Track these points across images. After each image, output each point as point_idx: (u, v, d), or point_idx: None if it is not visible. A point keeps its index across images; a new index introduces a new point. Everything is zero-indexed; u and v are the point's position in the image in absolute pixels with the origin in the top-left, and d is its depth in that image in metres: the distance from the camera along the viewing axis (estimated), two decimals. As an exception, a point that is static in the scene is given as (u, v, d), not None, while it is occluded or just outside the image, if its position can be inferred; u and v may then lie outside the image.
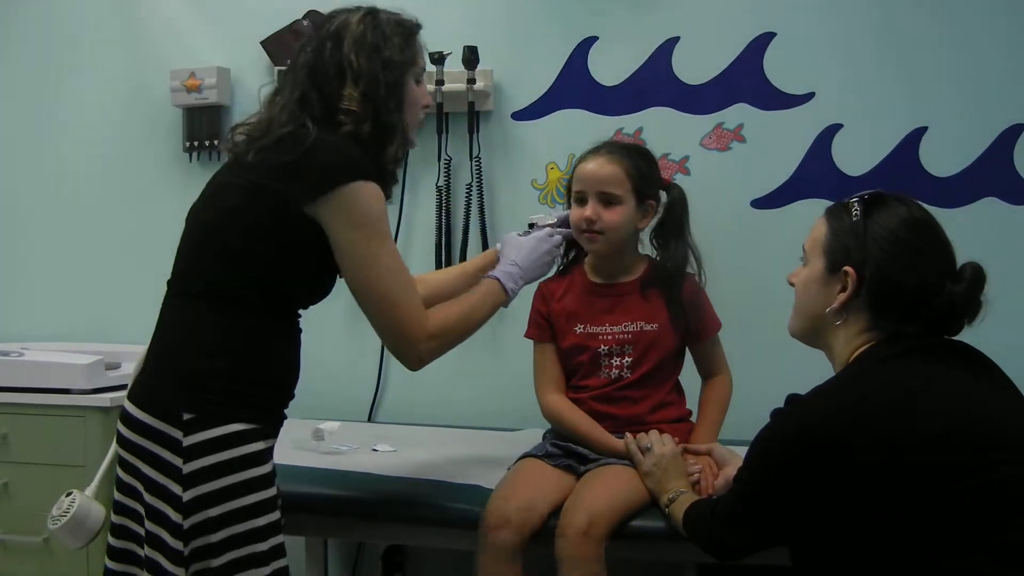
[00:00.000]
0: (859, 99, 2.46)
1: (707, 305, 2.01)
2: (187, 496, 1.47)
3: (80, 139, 2.96)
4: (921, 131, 2.43)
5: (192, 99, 2.79)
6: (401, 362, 1.67)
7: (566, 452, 1.93)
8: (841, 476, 1.29)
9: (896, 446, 1.27)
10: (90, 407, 2.41)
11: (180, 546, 1.47)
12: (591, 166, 1.93)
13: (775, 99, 2.51)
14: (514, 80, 2.66)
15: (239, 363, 1.54)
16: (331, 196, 1.53)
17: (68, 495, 1.79)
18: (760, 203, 2.52)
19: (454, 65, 2.58)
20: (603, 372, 1.97)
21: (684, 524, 1.61)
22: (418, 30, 1.72)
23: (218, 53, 2.83)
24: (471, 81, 2.59)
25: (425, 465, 2.08)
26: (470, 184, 2.67)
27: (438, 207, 2.67)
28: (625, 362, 1.95)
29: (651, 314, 1.95)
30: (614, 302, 1.98)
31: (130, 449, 1.55)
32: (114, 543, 1.60)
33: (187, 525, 1.47)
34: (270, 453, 1.57)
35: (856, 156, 2.47)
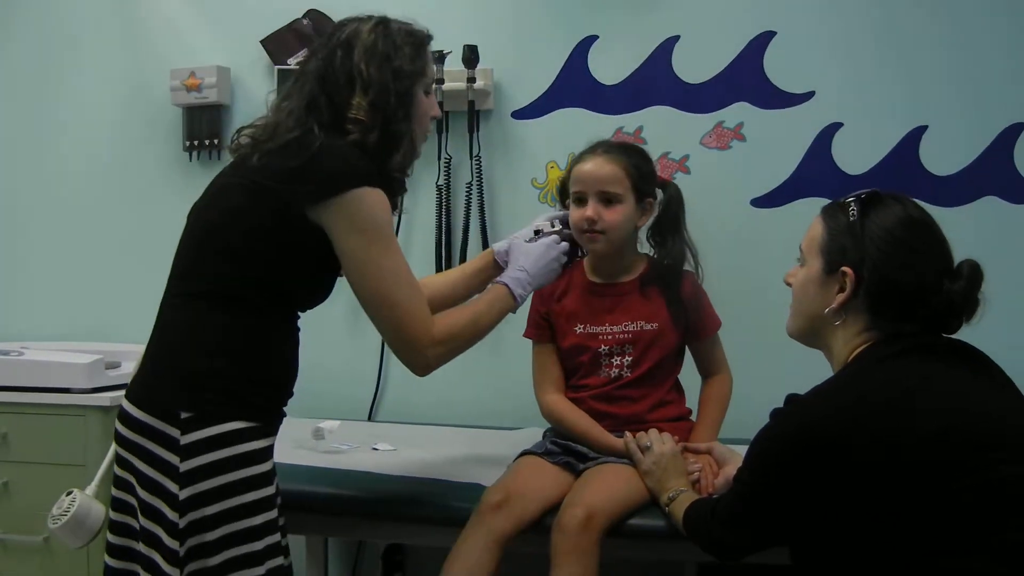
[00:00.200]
0: (859, 98, 2.46)
1: (707, 304, 2.01)
2: (184, 494, 1.47)
3: (80, 138, 2.96)
4: (921, 130, 2.43)
5: (192, 98, 2.79)
6: (408, 368, 1.65)
7: (565, 450, 1.93)
8: (840, 476, 1.29)
9: (895, 445, 1.27)
10: (90, 406, 2.42)
11: (176, 545, 1.47)
12: (589, 166, 1.93)
13: (775, 98, 2.50)
14: (514, 79, 2.66)
15: (238, 362, 1.54)
16: (334, 201, 1.52)
17: (68, 494, 1.80)
18: (760, 202, 2.52)
19: (454, 64, 2.58)
20: (603, 371, 1.97)
21: (684, 523, 1.61)
22: (429, 41, 1.72)
23: (218, 52, 2.82)
24: (471, 80, 2.59)
25: (425, 464, 2.07)
26: (470, 183, 2.67)
27: (438, 206, 2.67)
28: (625, 361, 1.95)
29: (651, 313, 1.95)
30: (614, 302, 1.98)
31: (127, 447, 1.55)
32: (113, 540, 1.60)
33: (183, 524, 1.47)
34: (270, 451, 1.57)
35: (856, 155, 2.46)
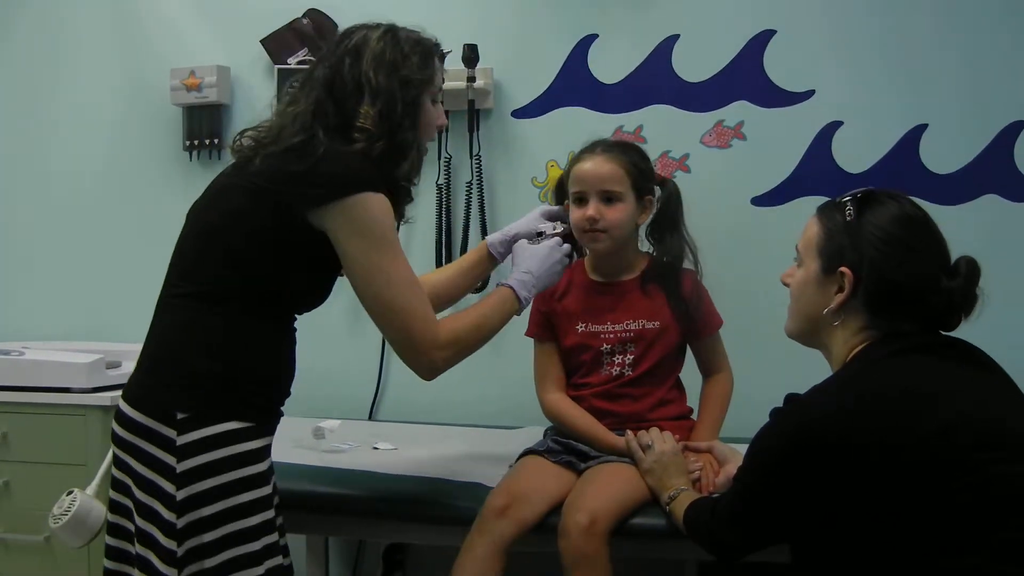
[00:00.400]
0: (859, 97, 2.46)
1: (708, 302, 2.01)
2: (181, 495, 1.47)
3: (80, 138, 2.96)
4: (921, 128, 2.43)
5: (192, 98, 2.78)
6: (415, 372, 1.65)
7: (567, 449, 1.93)
8: (840, 475, 1.29)
9: (895, 445, 1.27)
10: (91, 406, 2.42)
11: (173, 545, 1.47)
12: (589, 165, 1.93)
13: (775, 96, 2.50)
14: (514, 78, 2.65)
15: (235, 363, 1.54)
16: (336, 206, 1.52)
17: (69, 494, 1.80)
18: (760, 200, 2.52)
19: (454, 63, 2.57)
20: (604, 370, 1.97)
21: (684, 522, 1.61)
22: (437, 50, 1.71)
23: (218, 52, 2.82)
24: (471, 79, 2.58)
25: (426, 463, 2.07)
26: (470, 182, 2.67)
27: (438, 205, 2.67)
28: (627, 360, 1.95)
29: (653, 312, 1.95)
30: (615, 300, 1.97)
31: (124, 447, 1.54)
32: (111, 542, 1.60)
33: (181, 524, 1.47)
34: (267, 451, 1.56)
35: (856, 153, 2.46)
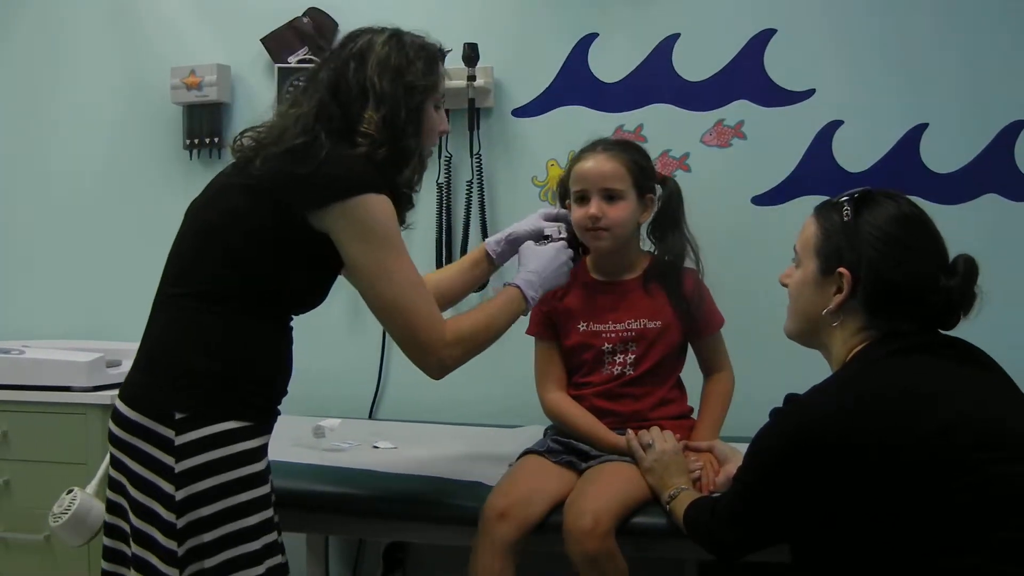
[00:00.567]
0: (860, 96, 2.45)
1: (710, 301, 2.01)
2: (180, 495, 1.46)
3: (80, 137, 2.96)
4: (922, 128, 2.43)
5: (192, 96, 2.78)
6: (424, 371, 1.65)
7: (567, 448, 1.93)
8: (840, 475, 1.29)
9: (895, 444, 1.27)
10: (91, 405, 2.42)
11: (173, 546, 1.47)
12: (590, 164, 1.93)
13: (776, 96, 2.50)
14: (514, 77, 2.65)
15: (233, 363, 1.53)
16: (339, 207, 1.52)
17: (69, 492, 1.79)
18: (761, 200, 2.51)
19: (454, 62, 2.57)
20: (606, 369, 1.97)
21: (684, 522, 1.61)
22: (442, 55, 1.71)
23: (218, 50, 2.82)
24: (471, 78, 2.58)
25: (426, 462, 2.07)
26: (470, 181, 2.67)
27: (438, 204, 2.67)
28: (628, 359, 1.95)
29: (654, 311, 1.95)
30: (617, 299, 1.97)
31: (120, 447, 1.54)
32: (107, 543, 1.60)
33: (180, 524, 1.46)
34: (264, 450, 1.56)
35: (857, 153, 2.46)
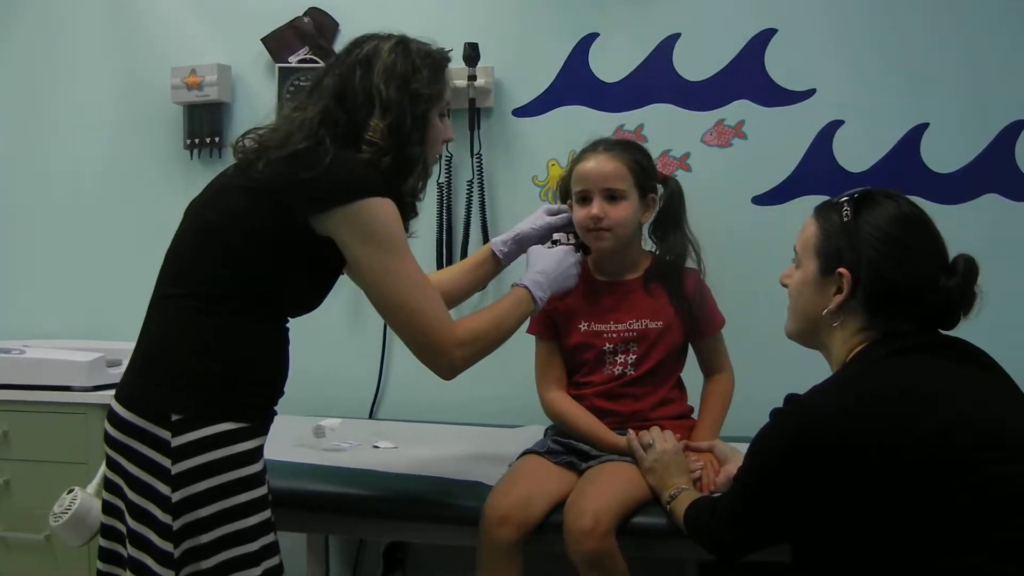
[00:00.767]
0: (860, 96, 2.45)
1: (711, 301, 2.01)
2: (176, 497, 1.46)
3: (81, 137, 2.96)
4: (922, 128, 2.43)
5: (193, 96, 2.78)
6: (434, 372, 1.65)
7: (567, 449, 1.93)
8: (840, 475, 1.29)
9: (895, 445, 1.27)
10: (91, 404, 2.41)
11: (170, 547, 1.46)
12: (592, 164, 1.93)
13: (776, 95, 2.50)
14: (515, 77, 2.65)
15: (230, 364, 1.53)
16: (343, 211, 1.51)
17: (69, 492, 1.79)
18: (761, 200, 2.51)
19: (455, 62, 2.55)
20: (606, 368, 1.96)
21: (685, 522, 1.61)
22: (447, 63, 1.71)
23: (219, 50, 2.82)
24: (472, 78, 2.58)
25: (426, 462, 2.07)
26: (471, 181, 2.67)
27: (439, 204, 2.67)
28: (629, 359, 1.95)
29: (656, 311, 1.95)
30: (619, 299, 1.97)
31: (116, 448, 1.53)
32: (103, 544, 1.59)
33: (177, 526, 1.46)
34: (261, 451, 1.55)
35: (857, 153, 2.46)
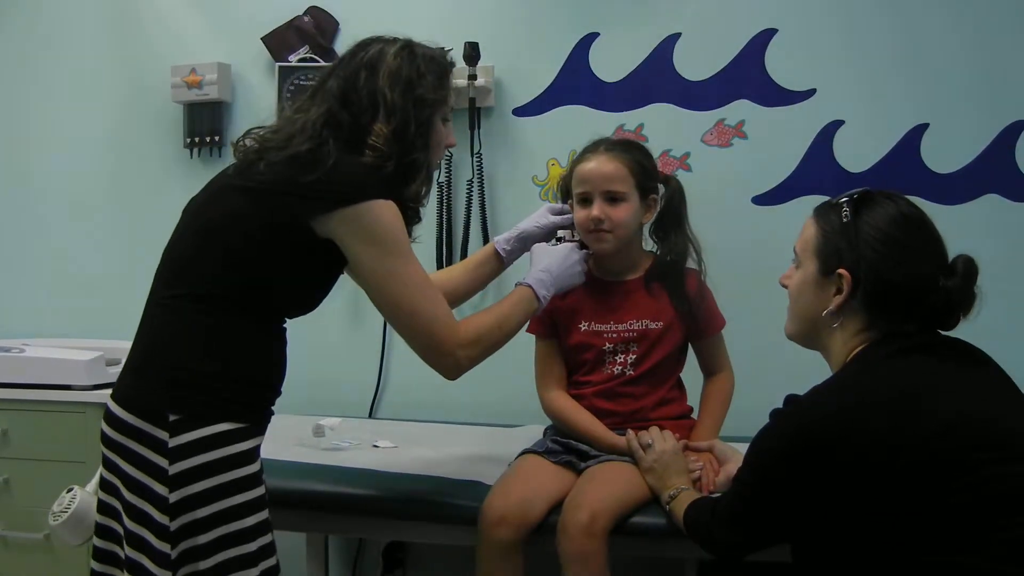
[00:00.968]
0: (860, 96, 2.45)
1: (712, 302, 2.01)
2: (173, 497, 1.45)
3: (81, 136, 2.96)
4: (923, 128, 2.43)
5: (193, 95, 2.78)
6: (439, 372, 1.66)
7: (567, 448, 1.93)
8: (840, 475, 1.29)
9: (895, 445, 1.27)
10: (91, 403, 2.42)
11: (167, 548, 1.46)
12: (592, 165, 1.92)
13: (777, 95, 2.50)
14: (515, 76, 2.65)
15: (227, 364, 1.52)
16: (345, 213, 1.51)
17: (69, 491, 1.78)
18: (761, 199, 2.51)
19: (455, 61, 2.57)
20: (606, 368, 1.96)
21: (684, 522, 1.61)
22: (452, 68, 1.71)
23: (219, 49, 2.82)
24: (472, 77, 2.58)
25: (426, 461, 2.07)
26: (471, 180, 2.67)
27: (439, 203, 2.67)
28: (629, 359, 1.95)
29: (656, 312, 1.95)
30: (619, 300, 1.97)
31: (112, 448, 1.53)
32: (99, 544, 1.59)
33: (174, 527, 1.46)
34: (258, 452, 1.55)
35: (857, 153, 2.46)
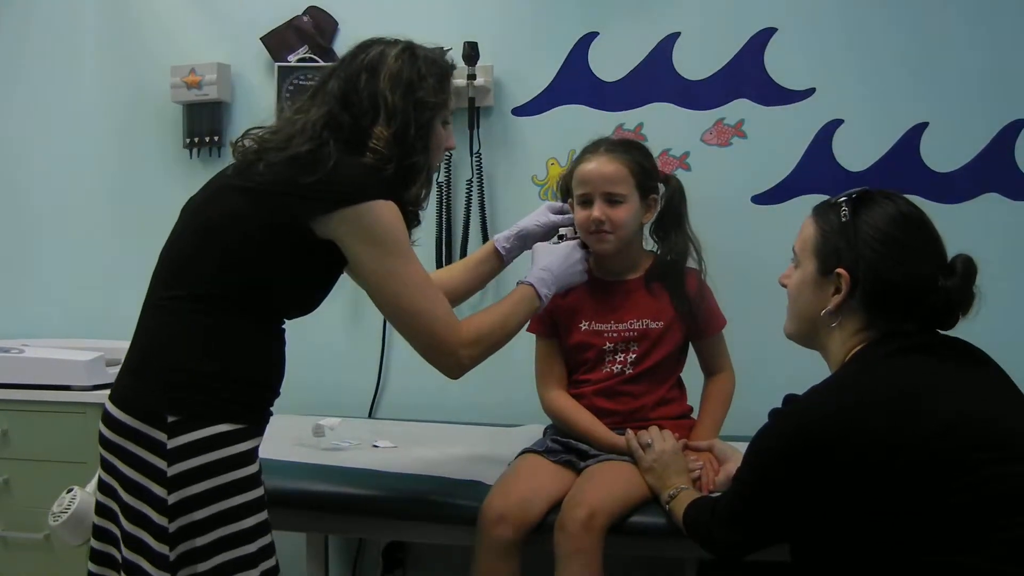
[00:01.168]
0: (860, 95, 2.45)
1: (712, 302, 2.01)
2: (172, 499, 1.45)
3: (80, 136, 2.96)
4: (922, 127, 2.43)
5: (192, 95, 2.78)
6: (442, 372, 1.66)
7: (566, 448, 1.93)
8: (840, 475, 1.29)
9: (894, 445, 1.27)
10: (91, 403, 2.41)
11: (166, 550, 1.46)
12: (593, 166, 1.92)
13: (776, 95, 2.50)
14: (514, 76, 2.65)
15: (225, 365, 1.52)
16: (346, 214, 1.51)
17: (69, 492, 1.79)
18: (761, 199, 2.51)
19: (455, 62, 2.57)
20: (606, 367, 1.96)
21: (684, 522, 1.61)
22: (452, 70, 1.71)
23: (218, 49, 2.82)
24: (471, 77, 2.58)
25: (426, 461, 2.07)
26: (470, 180, 2.67)
27: (438, 203, 2.67)
28: (629, 358, 1.95)
29: (657, 312, 1.95)
30: (620, 299, 1.97)
31: (110, 449, 1.53)
32: (96, 545, 1.59)
33: (173, 528, 1.45)
34: (256, 452, 1.55)
35: (857, 152, 2.46)
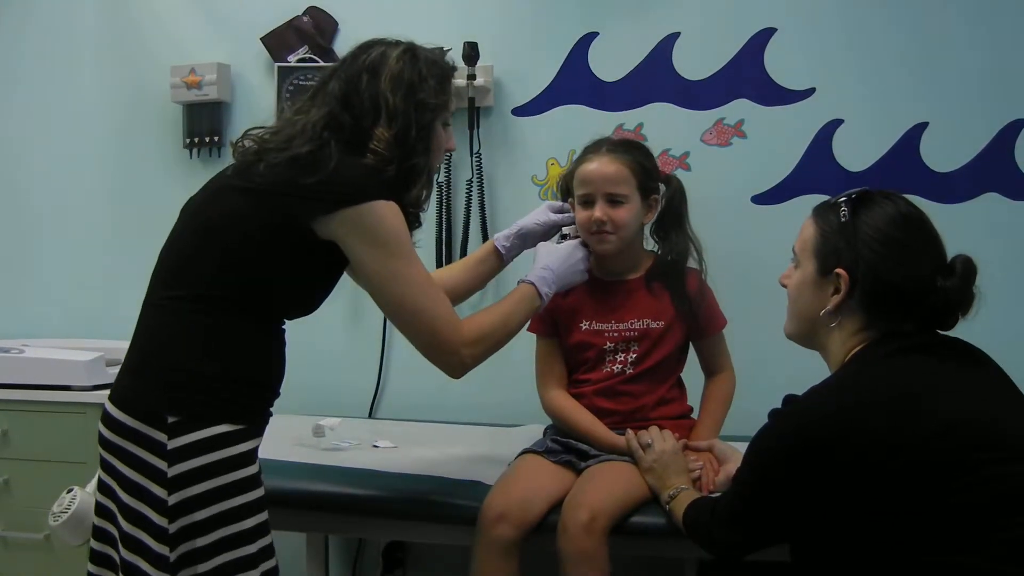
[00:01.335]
0: (860, 95, 2.45)
1: (713, 302, 2.01)
2: (172, 500, 1.45)
3: (80, 136, 2.96)
4: (922, 127, 2.43)
5: (192, 95, 2.78)
6: (444, 371, 1.66)
7: (566, 448, 1.93)
8: (839, 475, 1.29)
9: (894, 445, 1.27)
10: (91, 404, 2.41)
11: (166, 551, 1.45)
12: (594, 166, 1.92)
13: (776, 95, 2.50)
14: (514, 76, 2.65)
15: (225, 365, 1.52)
16: (347, 214, 1.51)
17: (69, 492, 1.79)
18: (761, 199, 2.51)
19: (455, 61, 2.57)
20: (606, 367, 1.96)
21: (684, 522, 1.61)
22: (453, 72, 1.72)
23: (218, 49, 2.82)
24: (471, 77, 2.58)
25: (426, 461, 2.07)
26: (470, 180, 2.67)
27: (438, 203, 2.67)
28: (629, 358, 1.95)
29: (657, 311, 1.95)
30: (620, 299, 1.97)
31: (109, 449, 1.53)
32: (95, 546, 1.59)
33: (173, 529, 1.45)
34: (256, 453, 1.55)
35: (857, 152, 2.46)
